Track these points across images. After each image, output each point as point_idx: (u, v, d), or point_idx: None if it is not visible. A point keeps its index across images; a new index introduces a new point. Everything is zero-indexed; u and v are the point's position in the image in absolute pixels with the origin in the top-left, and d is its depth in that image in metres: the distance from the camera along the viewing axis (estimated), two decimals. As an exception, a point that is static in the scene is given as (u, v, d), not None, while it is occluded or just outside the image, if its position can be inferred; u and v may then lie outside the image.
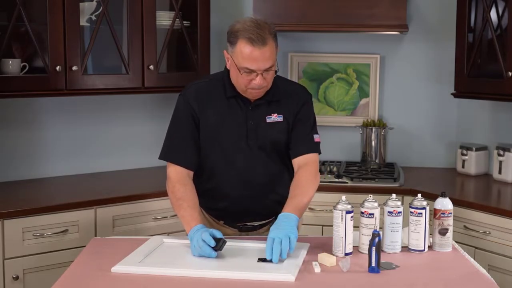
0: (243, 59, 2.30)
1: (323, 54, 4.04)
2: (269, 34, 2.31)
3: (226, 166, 2.47)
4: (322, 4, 3.64)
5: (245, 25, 2.31)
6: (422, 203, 2.34)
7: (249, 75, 2.33)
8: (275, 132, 2.47)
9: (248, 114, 2.44)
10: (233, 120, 2.44)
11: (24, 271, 2.96)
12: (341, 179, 3.56)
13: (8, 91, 3.15)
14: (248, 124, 2.44)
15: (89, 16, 3.40)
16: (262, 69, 2.31)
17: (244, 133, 2.44)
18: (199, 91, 2.47)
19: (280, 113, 2.47)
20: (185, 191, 2.41)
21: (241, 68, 2.32)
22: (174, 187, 2.42)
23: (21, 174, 3.52)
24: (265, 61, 2.30)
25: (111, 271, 2.11)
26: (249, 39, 2.28)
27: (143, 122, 3.92)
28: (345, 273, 2.12)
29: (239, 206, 2.49)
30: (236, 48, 2.32)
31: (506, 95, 3.35)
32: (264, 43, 2.29)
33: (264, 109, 2.46)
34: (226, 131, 2.44)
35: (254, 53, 2.28)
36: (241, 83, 2.36)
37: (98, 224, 3.15)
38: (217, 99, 2.45)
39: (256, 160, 2.47)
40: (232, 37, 2.33)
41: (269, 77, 2.37)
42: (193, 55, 3.70)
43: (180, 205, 2.39)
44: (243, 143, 2.45)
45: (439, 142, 4.04)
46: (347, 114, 4.08)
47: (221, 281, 2.04)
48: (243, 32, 2.29)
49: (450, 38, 3.71)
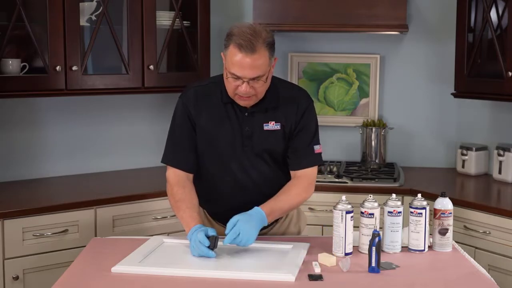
0: (231, 64, 2.27)
1: (323, 54, 4.04)
2: (262, 43, 2.26)
3: (221, 172, 2.46)
4: (322, 4, 3.64)
5: (240, 30, 2.27)
6: (422, 203, 2.34)
7: (235, 81, 2.29)
8: (272, 140, 2.44)
9: (244, 121, 2.41)
10: (229, 126, 2.41)
11: (24, 271, 2.96)
12: (341, 179, 3.56)
13: (8, 91, 3.15)
14: (244, 130, 2.41)
15: (89, 16, 3.40)
16: (248, 77, 2.26)
17: (240, 139, 2.42)
18: (197, 95, 2.45)
19: (278, 121, 2.43)
20: (184, 192, 2.41)
21: (228, 73, 2.29)
22: (173, 189, 2.42)
23: (21, 174, 3.52)
24: (252, 69, 2.25)
25: (111, 271, 2.11)
26: (238, 45, 2.24)
27: (143, 122, 3.92)
28: (345, 273, 2.13)
29: (236, 211, 2.46)
30: (228, 52, 2.29)
31: (506, 95, 3.35)
32: (253, 50, 2.23)
33: (261, 116, 2.42)
34: (222, 136, 2.42)
35: (242, 59, 2.24)
36: (229, 88, 2.34)
37: (98, 224, 3.15)
38: (214, 104, 2.42)
39: (251, 167, 2.44)
40: (226, 39, 2.31)
41: (257, 86, 2.30)
42: (193, 55, 3.70)
43: (179, 206, 2.39)
44: (239, 149, 2.43)
45: (439, 142, 4.04)
46: (347, 114, 4.08)
47: (221, 281, 2.04)
48: (235, 37, 2.26)
49: (450, 38, 3.71)
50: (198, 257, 2.22)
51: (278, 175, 2.50)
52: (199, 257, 2.22)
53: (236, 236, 2.22)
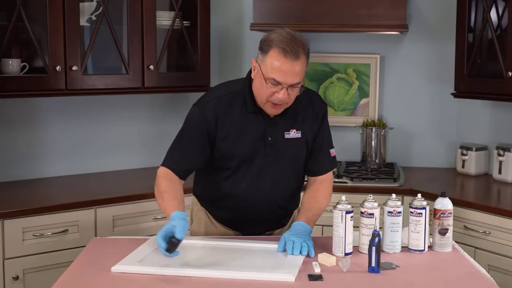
0: (272, 69, 2.23)
1: (323, 54, 4.04)
2: (302, 49, 2.26)
3: (240, 182, 2.43)
4: (322, 4, 3.64)
5: (281, 36, 2.25)
6: (422, 203, 2.34)
7: (274, 87, 2.25)
8: (294, 148, 2.43)
9: (267, 130, 2.38)
10: (252, 136, 2.38)
11: (24, 271, 2.96)
12: (341, 179, 3.56)
13: (8, 91, 3.15)
14: (267, 140, 2.39)
15: (89, 16, 3.40)
16: (289, 83, 2.24)
17: (262, 149, 2.39)
18: (219, 105, 2.36)
19: (299, 129, 2.42)
20: (169, 185, 2.35)
21: (267, 79, 2.24)
22: (158, 181, 2.37)
23: (21, 174, 3.53)
24: (294, 75, 2.24)
25: (111, 271, 2.11)
26: (282, 50, 2.21)
27: (143, 122, 3.92)
28: (345, 273, 2.12)
29: (245, 218, 2.46)
30: (267, 57, 2.25)
31: (506, 95, 3.35)
32: (297, 57, 2.23)
33: (282, 124, 2.40)
34: (244, 147, 2.38)
35: (285, 65, 2.22)
36: (264, 94, 2.28)
37: (98, 224, 3.15)
38: (236, 114, 2.36)
39: (271, 177, 2.43)
40: (265, 45, 2.26)
41: (293, 94, 2.29)
42: (193, 55, 3.70)
43: (162, 197, 2.33)
44: (261, 159, 2.40)
45: (439, 142, 4.04)
46: (347, 114, 4.08)
47: (221, 281, 2.04)
48: (277, 42, 2.23)
49: (450, 38, 3.71)
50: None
51: (295, 187, 2.53)
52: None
53: (308, 248, 2.25)
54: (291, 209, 2.58)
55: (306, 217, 2.40)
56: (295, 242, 2.25)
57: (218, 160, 2.41)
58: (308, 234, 2.34)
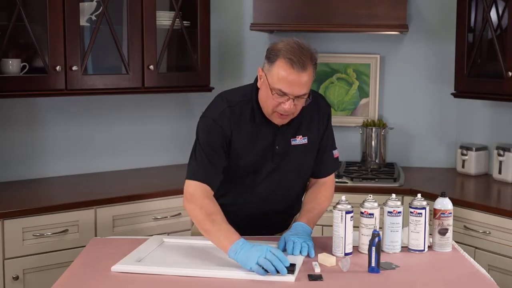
0: (278, 80, 2.20)
1: (323, 54, 4.03)
2: (310, 60, 2.21)
3: (246, 191, 2.42)
4: (322, 4, 3.64)
5: (288, 45, 2.21)
6: (422, 203, 2.34)
7: (280, 97, 2.21)
8: (301, 155, 2.42)
9: (275, 139, 2.37)
10: (261, 146, 2.36)
11: (24, 271, 2.96)
12: (341, 179, 3.55)
13: (8, 91, 3.15)
14: (275, 149, 2.37)
15: (89, 16, 3.40)
16: (295, 94, 2.21)
17: (270, 158, 2.38)
18: (232, 115, 2.32)
19: (305, 135, 2.40)
20: (215, 205, 2.26)
21: (273, 89, 2.21)
22: (203, 202, 2.25)
23: (21, 174, 3.53)
24: (300, 86, 2.20)
25: (111, 271, 2.11)
26: (289, 60, 2.17)
27: (143, 122, 3.92)
28: (345, 273, 2.12)
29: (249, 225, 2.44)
30: (274, 67, 2.21)
31: (506, 95, 3.35)
32: (304, 68, 2.18)
33: (289, 131, 2.38)
34: (252, 157, 2.36)
35: (291, 76, 2.18)
36: (270, 104, 2.25)
37: (98, 224, 3.15)
38: (247, 124, 2.34)
39: (277, 185, 2.42)
40: (272, 54, 2.22)
41: (299, 105, 2.26)
42: (193, 55, 3.70)
43: (213, 220, 2.21)
44: (268, 167, 2.39)
45: (439, 142, 4.04)
46: (347, 114, 4.08)
47: (221, 281, 2.04)
48: (285, 52, 2.19)
49: (450, 38, 3.71)
50: (258, 271, 2.06)
51: (297, 187, 2.52)
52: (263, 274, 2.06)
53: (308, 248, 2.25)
54: (295, 213, 2.58)
55: (306, 218, 2.40)
56: (295, 242, 2.25)
57: (226, 169, 2.38)
58: (308, 235, 2.34)
